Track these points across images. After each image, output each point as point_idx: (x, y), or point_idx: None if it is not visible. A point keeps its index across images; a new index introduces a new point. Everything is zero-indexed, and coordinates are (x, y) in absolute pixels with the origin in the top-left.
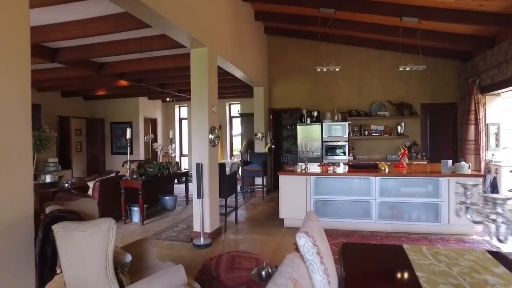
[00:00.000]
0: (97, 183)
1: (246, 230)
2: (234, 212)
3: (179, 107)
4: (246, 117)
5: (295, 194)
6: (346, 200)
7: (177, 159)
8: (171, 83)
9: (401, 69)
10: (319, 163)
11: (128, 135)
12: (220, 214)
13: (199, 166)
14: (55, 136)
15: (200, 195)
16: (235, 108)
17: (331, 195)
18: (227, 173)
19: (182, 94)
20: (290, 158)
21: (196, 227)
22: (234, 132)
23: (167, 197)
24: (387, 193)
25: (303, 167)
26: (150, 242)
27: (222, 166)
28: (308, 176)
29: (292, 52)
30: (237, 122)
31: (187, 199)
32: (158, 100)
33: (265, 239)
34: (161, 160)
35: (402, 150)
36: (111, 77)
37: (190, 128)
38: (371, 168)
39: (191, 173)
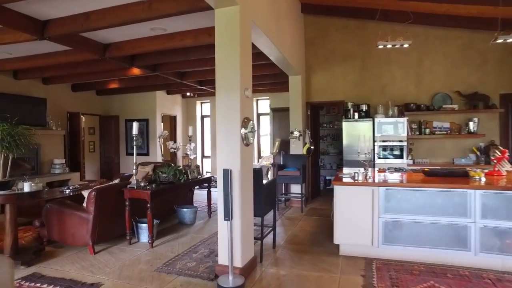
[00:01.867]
0: (93, 193)
1: (289, 260)
2: (272, 233)
3: (201, 103)
4: (279, 113)
5: (356, 211)
6: (430, 222)
7: (198, 162)
8: (191, 71)
9: (499, 41)
10: (379, 168)
11: (134, 131)
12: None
13: (227, 174)
14: (62, 134)
15: (228, 215)
16: (263, 105)
17: (407, 214)
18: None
19: (204, 87)
20: (327, 161)
21: (223, 259)
22: (261, 132)
23: (185, 209)
24: (492, 214)
25: (366, 174)
26: None
27: (258, 173)
28: (375, 187)
29: (334, 35)
30: (265, 120)
31: (210, 211)
32: (177, 95)
33: (319, 278)
34: (181, 163)
35: (499, 153)
36: (119, 62)
37: (215, 123)
38: (457, 177)
39: (214, 178)
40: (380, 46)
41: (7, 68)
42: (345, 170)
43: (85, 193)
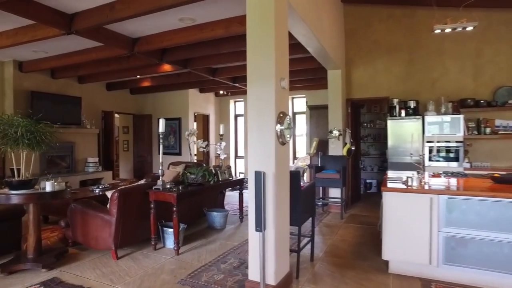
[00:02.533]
0: (116, 195)
1: (330, 277)
2: (309, 244)
3: (235, 102)
4: (316, 111)
5: (410, 223)
6: (506, 241)
7: (232, 162)
8: (223, 67)
9: None
10: (433, 173)
11: (160, 129)
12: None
13: (259, 177)
14: (96, 132)
15: (260, 226)
16: (299, 103)
17: (475, 230)
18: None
19: (237, 84)
20: (367, 163)
21: (253, 275)
22: (297, 132)
23: (214, 213)
24: None
25: (421, 179)
26: None
27: (295, 176)
28: (434, 194)
29: (377, 26)
30: (301, 119)
31: (242, 214)
32: (210, 93)
33: None
34: (213, 163)
35: None
36: (149, 58)
37: (247, 120)
38: None
39: (246, 179)
40: (437, 31)
41: (43, 67)
42: (391, 173)
43: (109, 194)
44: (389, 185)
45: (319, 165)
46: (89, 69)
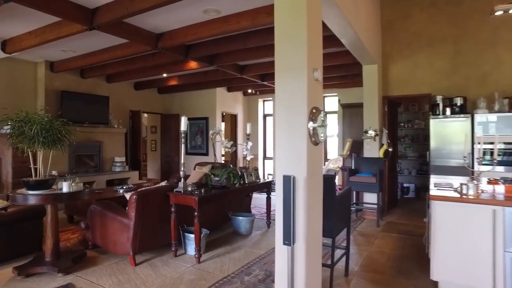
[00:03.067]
0: (134, 197)
1: None
2: (344, 257)
3: (263, 101)
4: (349, 110)
5: (466, 239)
6: None
7: (260, 164)
8: (251, 64)
9: None
10: (488, 179)
11: (182, 127)
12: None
13: (288, 182)
14: (123, 132)
15: (289, 239)
16: (330, 102)
17: None
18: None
19: (265, 83)
20: (404, 166)
21: None
22: (327, 132)
23: (240, 218)
24: None
25: (478, 188)
26: None
27: (330, 181)
28: (498, 206)
29: (417, 16)
30: (332, 119)
31: (269, 219)
32: (238, 92)
33: None
34: (241, 164)
35: None
36: (174, 54)
37: (275, 116)
38: None
39: (273, 181)
40: (499, 13)
41: (72, 66)
42: (435, 178)
43: (128, 196)
44: (438, 192)
45: (353, 167)
46: (116, 67)
